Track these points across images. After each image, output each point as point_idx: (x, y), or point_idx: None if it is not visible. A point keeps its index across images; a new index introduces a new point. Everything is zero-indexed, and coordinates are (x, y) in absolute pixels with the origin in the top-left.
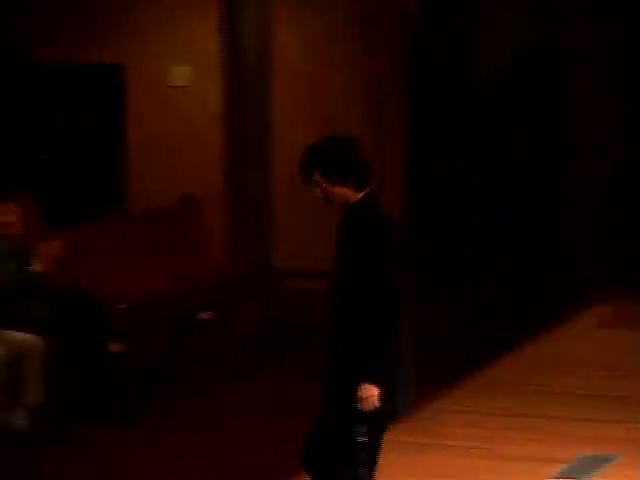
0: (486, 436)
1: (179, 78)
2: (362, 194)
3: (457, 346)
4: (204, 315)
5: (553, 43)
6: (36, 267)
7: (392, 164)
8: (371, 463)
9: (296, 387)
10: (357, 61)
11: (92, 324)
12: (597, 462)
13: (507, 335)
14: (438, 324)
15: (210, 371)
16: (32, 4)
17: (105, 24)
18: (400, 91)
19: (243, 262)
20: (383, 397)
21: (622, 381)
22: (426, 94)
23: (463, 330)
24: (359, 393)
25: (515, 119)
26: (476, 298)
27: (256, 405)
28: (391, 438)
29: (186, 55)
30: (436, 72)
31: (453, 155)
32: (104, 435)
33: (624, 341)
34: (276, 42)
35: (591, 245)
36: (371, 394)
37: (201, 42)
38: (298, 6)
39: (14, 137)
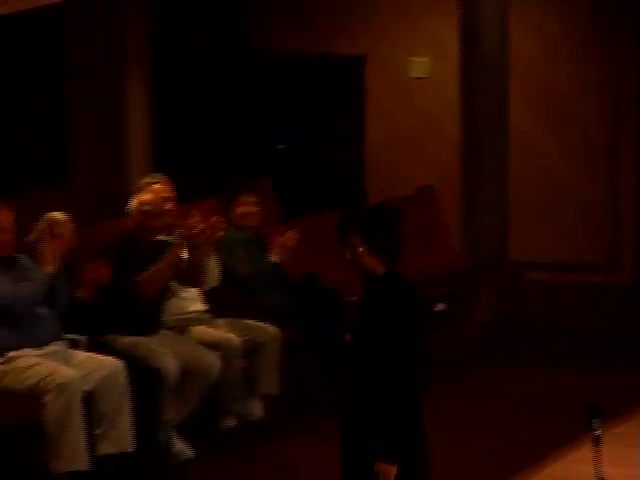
0: None
1: (418, 69)
2: (387, 269)
3: None
4: (440, 306)
5: None
6: (273, 257)
7: (627, 164)
8: None
9: (534, 383)
10: (593, 57)
11: (327, 314)
12: None
13: None
14: None
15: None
16: None
17: (347, 15)
18: (636, 88)
19: (478, 253)
20: (401, 473)
21: None
22: None
23: None
24: (376, 470)
25: None
26: None
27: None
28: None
29: (425, 46)
30: None
31: None
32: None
33: None
34: (511, 36)
35: None
36: (388, 473)
37: (440, 33)
38: (534, 1)
39: (252, 126)
